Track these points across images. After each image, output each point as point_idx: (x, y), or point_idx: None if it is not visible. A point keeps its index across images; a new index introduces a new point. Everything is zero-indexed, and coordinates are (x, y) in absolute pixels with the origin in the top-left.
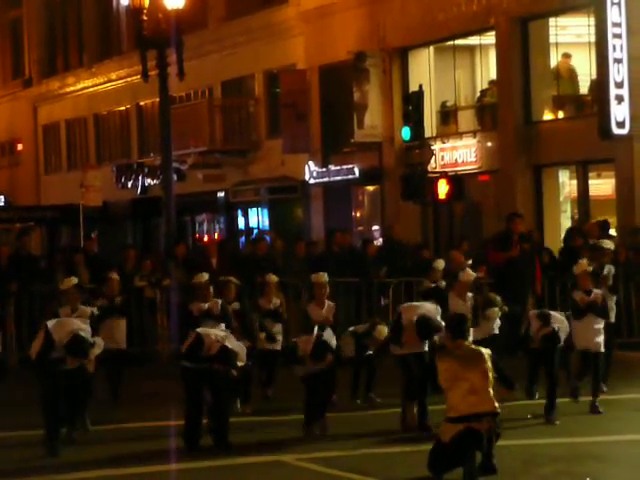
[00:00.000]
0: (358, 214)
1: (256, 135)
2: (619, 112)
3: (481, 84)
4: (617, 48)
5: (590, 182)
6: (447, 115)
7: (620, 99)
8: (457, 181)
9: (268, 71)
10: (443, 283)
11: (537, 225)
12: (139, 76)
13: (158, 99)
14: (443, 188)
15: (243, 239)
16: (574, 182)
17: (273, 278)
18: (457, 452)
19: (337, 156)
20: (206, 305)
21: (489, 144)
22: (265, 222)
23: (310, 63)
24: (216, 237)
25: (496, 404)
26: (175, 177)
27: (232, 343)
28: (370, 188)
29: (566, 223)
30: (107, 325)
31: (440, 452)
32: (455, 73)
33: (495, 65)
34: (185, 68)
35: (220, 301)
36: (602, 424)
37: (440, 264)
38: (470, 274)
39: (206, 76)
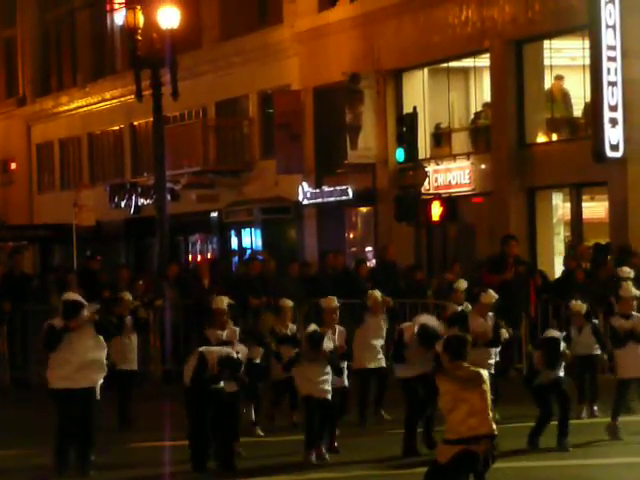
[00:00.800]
0: (351, 235)
1: (250, 155)
2: (613, 135)
3: (475, 106)
4: (612, 71)
5: (584, 205)
6: (441, 137)
7: (614, 122)
8: (450, 203)
9: (262, 92)
10: (469, 307)
11: (530, 247)
12: (133, 96)
13: (152, 119)
14: (436, 210)
15: (236, 259)
16: (568, 205)
17: (288, 302)
18: (453, 474)
19: (331, 177)
20: (224, 334)
21: (483, 166)
22: (258, 242)
23: (304, 84)
24: (209, 257)
25: (494, 426)
26: (169, 197)
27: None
28: (363, 209)
29: (559, 246)
30: (119, 345)
31: (436, 473)
32: (449, 95)
33: (489, 87)
34: (179, 88)
35: (238, 329)
36: (595, 447)
37: (462, 285)
38: (492, 295)
39: (200, 96)
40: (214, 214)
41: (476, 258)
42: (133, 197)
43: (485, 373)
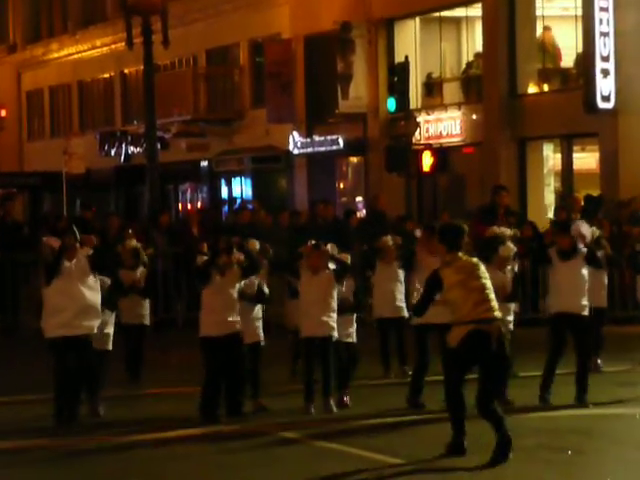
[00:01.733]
0: (342, 185)
1: (240, 104)
2: (604, 86)
3: (467, 56)
4: (604, 22)
5: (574, 156)
6: (432, 87)
7: (606, 73)
8: (441, 153)
9: (253, 40)
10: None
11: (520, 198)
12: (123, 43)
13: (142, 67)
14: (427, 160)
15: (226, 208)
16: (558, 156)
17: (254, 243)
18: (466, 354)
19: (321, 127)
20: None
21: (474, 117)
22: (248, 192)
23: (295, 33)
24: (199, 206)
25: (501, 314)
26: (159, 145)
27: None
28: (354, 159)
29: (550, 197)
30: (128, 299)
31: (450, 358)
32: (441, 45)
33: (481, 37)
34: (170, 36)
35: (257, 281)
36: (588, 398)
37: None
38: (510, 248)
39: (191, 44)
40: (204, 163)
41: (466, 208)
42: (123, 145)
43: (478, 261)
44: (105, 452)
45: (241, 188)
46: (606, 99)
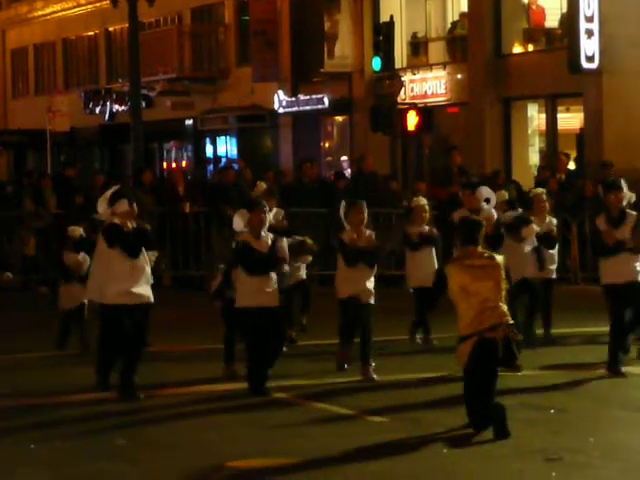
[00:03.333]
0: (327, 144)
1: (225, 63)
2: (589, 46)
3: (452, 16)
4: None
5: (559, 116)
6: (417, 46)
7: (590, 33)
8: (426, 113)
9: None
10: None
11: (505, 158)
12: (108, 1)
13: (127, 25)
14: (412, 120)
15: (211, 167)
16: (543, 116)
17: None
18: (478, 370)
19: (307, 86)
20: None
21: (459, 76)
22: (233, 151)
23: None
24: (184, 165)
25: (509, 318)
26: (143, 104)
27: None
28: (339, 118)
29: (534, 157)
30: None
31: (466, 380)
32: (426, 4)
33: None
34: None
35: (272, 235)
36: (571, 358)
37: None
38: (533, 229)
39: (176, 2)
40: (189, 122)
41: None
42: (108, 103)
43: (500, 259)
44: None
45: (226, 147)
46: (590, 59)
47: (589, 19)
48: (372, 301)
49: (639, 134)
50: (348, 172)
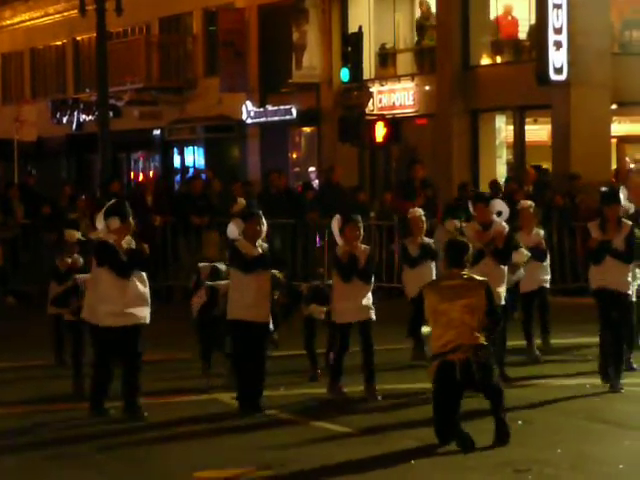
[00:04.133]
0: (295, 155)
1: (193, 73)
2: (557, 58)
3: (414, 27)
4: None
5: (526, 128)
6: (386, 58)
7: (558, 45)
8: (394, 124)
9: (206, 9)
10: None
11: (473, 170)
12: (76, 11)
13: (95, 34)
14: (380, 131)
15: (179, 178)
16: (510, 127)
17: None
18: (441, 390)
19: (274, 96)
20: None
21: (427, 88)
22: (201, 161)
23: (248, 2)
24: (151, 175)
25: (480, 337)
26: (111, 113)
27: None
28: (307, 129)
29: (501, 168)
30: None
31: (434, 399)
32: (394, 15)
33: (435, 8)
34: (123, 4)
35: (265, 245)
36: (536, 370)
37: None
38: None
39: (144, 12)
40: (157, 131)
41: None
42: (75, 113)
43: (482, 281)
44: None
45: (194, 157)
46: (558, 71)
47: (557, 31)
48: (373, 317)
49: (606, 146)
50: (316, 183)
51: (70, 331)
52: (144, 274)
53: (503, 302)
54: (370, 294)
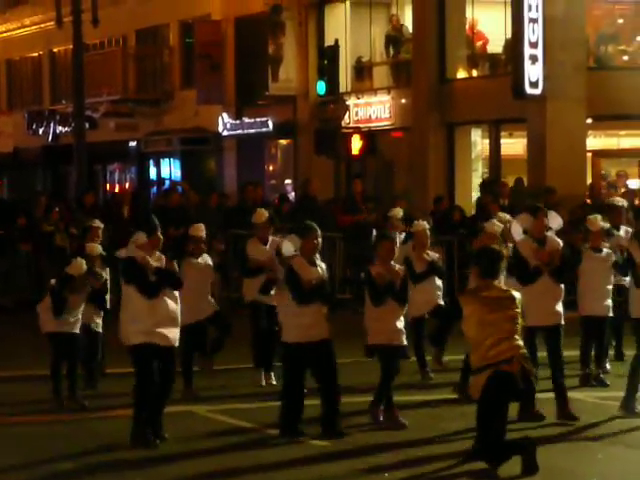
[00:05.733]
0: (271, 167)
1: (170, 85)
2: (533, 72)
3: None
4: (533, 7)
5: (502, 141)
6: (362, 71)
7: (534, 59)
8: (370, 137)
9: (183, 21)
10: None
11: (448, 183)
12: (53, 22)
13: (72, 46)
14: (356, 144)
15: (155, 190)
16: (486, 141)
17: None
18: (493, 402)
19: (251, 109)
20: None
21: (403, 101)
22: (177, 173)
23: (225, 14)
24: (127, 187)
25: (525, 350)
26: (87, 125)
27: None
28: (283, 142)
29: (477, 182)
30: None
31: (480, 411)
32: (371, 29)
33: (411, 22)
34: (99, 16)
35: (323, 265)
36: None
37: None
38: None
39: (121, 24)
40: (133, 143)
41: (394, 193)
42: (51, 124)
43: (517, 296)
44: None
45: (170, 169)
46: (534, 85)
47: (533, 45)
48: (405, 342)
49: (581, 160)
50: (292, 195)
51: (61, 344)
52: (176, 292)
53: (562, 322)
54: (403, 317)
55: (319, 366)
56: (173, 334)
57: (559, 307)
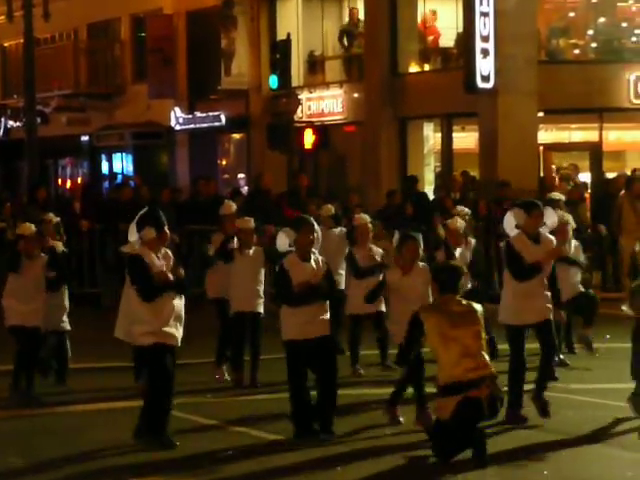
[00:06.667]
0: (224, 162)
1: (121, 79)
2: (484, 66)
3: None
4: (484, 2)
5: (454, 135)
6: (314, 65)
7: (486, 53)
8: (323, 131)
9: (135, 15)
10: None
11: (401, 177)
12: (3, 17)
13: (22, 40)
14: (309, 138)
15: (107, 184)
16: (438, 135)
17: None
18: (460, 430)
19: (203, 103)
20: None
21: (355, 95)
22: (129, 167)
23: (177, 8)
24: (79, 181)
25: (492, 368)
26: (38, 120)
27: None
28: (236, 136)
29: (429, 176)
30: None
31: (443, 433)
32: (323, 23)
33: (363, 16)
34: (51, 10)
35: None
36: None
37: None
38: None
39: (72, 18)
40: (85, 138)
41: (347, 186)
42: (2, 119)
43: (480, 309)
44: None
45: (122, 164)
46: (486, 79)
47: (485, 39)
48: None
49: (533, 154)
50: (245, 189)
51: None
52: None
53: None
54: None
55: (318, 362)
56: (179, 333)
57: (549, 302)
